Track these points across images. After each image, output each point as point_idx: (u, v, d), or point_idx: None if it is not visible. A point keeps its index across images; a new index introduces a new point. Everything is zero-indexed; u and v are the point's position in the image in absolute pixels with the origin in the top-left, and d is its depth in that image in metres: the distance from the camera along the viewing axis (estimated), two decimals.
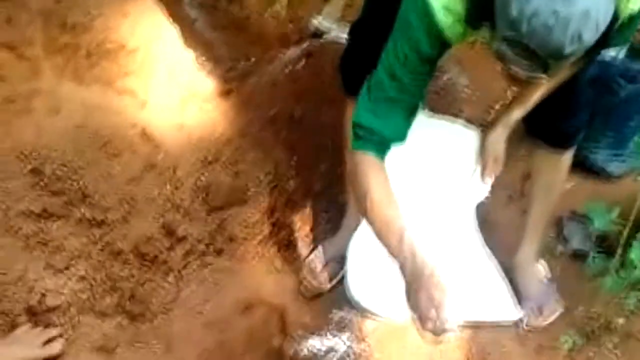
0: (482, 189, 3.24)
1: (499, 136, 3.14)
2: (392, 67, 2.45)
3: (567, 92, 2.92)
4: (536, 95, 2.94)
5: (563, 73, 2.72)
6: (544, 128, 3.13)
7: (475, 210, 3.33)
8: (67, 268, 3.18)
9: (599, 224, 3.29)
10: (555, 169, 3.25)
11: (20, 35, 3.37)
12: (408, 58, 2.42)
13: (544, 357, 3.20)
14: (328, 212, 3.62)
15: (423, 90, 2.57)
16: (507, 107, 3.12)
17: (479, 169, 3.19)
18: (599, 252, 3.35)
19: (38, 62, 3.44)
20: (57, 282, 3.15)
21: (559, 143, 3.17)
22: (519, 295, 3.36)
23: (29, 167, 3.25)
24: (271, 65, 3.78)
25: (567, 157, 3.22)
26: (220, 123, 3.59)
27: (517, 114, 3.06)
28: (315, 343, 3.28)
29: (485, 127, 3.28)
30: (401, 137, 2.56)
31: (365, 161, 2.53)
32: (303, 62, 3.77)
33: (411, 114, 2.55)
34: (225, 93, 3.67)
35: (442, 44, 2.41)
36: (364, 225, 3.20)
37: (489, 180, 3.20)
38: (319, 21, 3.93)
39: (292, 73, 3.75)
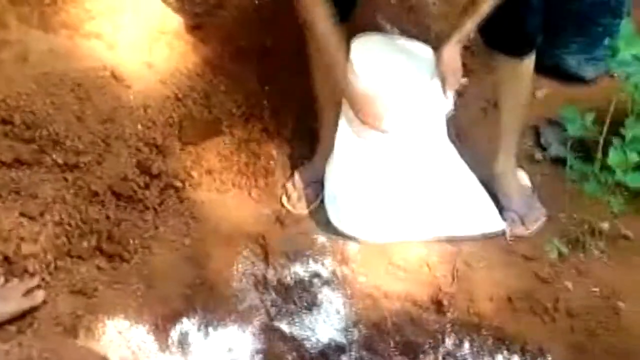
0: (445, 103, 2.74)
1: (454, 49, 2.67)
2: None
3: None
4: (486, 4, 2.52)
5: None
6: (498, 37, 2.71)
7: (446, 125, 2.82)
8: (41, 215, 2.70)
9: (573, 129, 2.81)
10: (517, 76, 2.81)
11: None
12: None
13: (530, 267, 2.74)
14: (303, 139, 3.11)
15: None
16: (458, 19, 2.65)
17: (439, 83, 2.69)
18: (577, 157, 2.87)
19: (4, 13, 2.96)
20: (32, 229, 2.67)
21: (514, 50, 2.74)
22: (500, 206, 2.89)
23: None
24: None
25: (528, 63, 2.78)
26: (190, 58, 3.08)
27: (469, 25, 2.62)
28: (298, 270, 2.83)
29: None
30: None
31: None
32: None
33: None
34: (194, 28, 3.13)
35: None
36: (339, 148, 2.79)
37: (450, 94, 2.71)
38: None
39: (261, 4, 3.20)
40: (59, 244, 2.69)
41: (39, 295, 2.60)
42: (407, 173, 2.80)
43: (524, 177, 2.98)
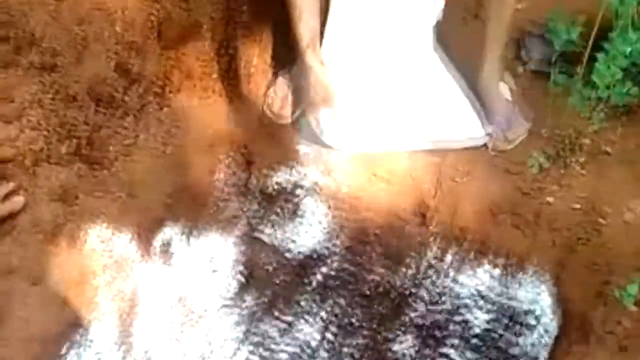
0: (435, 8, 2.66)
1: None
2: None
3: None
4: None
5: None
6: None
7: (433, 33, 2.73)
8: (18, 118, 2.54)
9: (559, 43, 2.72)
10: None
11: None
12: None
13: (513, 181, 2.67)
14: (284, 45, 2.92)
15: None
16: None
17: None
18: (560, 70, 2.79)
19: None
20: (9, 133, 2.51)
21: None
22: (483, 120, 2.79)
23: None
24: None
25: None
26: None
27: None
28: (281, 179, 2.73)
29: None
30: None
31: None
32: None
33: None
34: None
35: None
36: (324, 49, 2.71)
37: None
38: None
39: None
40: (36, 149, 2.54)
41: (19, 200, 2.48)
42: (392, 82, 2.72)
43: (506, 91, 2.87)
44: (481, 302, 2.61)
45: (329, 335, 2.81)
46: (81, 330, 2.40)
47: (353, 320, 2.74)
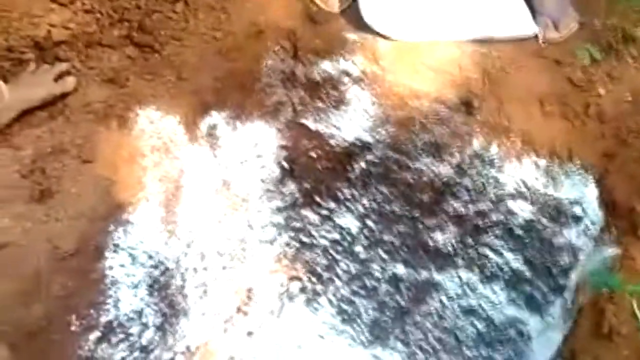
0: None
1: None
2: None
3: None
4: None
5: None
6: None
7: None
8: (72, 2, 2.46)
9: None
10: None
11: None
12: None
13: (562, 72, 2.50)
14: None
15: None
16: None
17: None
18: None
19: None
20: (63, 16, 2.44)
21: None
22: (533, 11, 2.63)
23: None
24: None
25: None
26: None
27: None
28: (327, 67, 2.60)
29: None
30: None
31: None
32: None
33: None
34: None
35: None
36: None
37: None
38: None
39: None
40: (89, 31, 2.46)
41: (70, 81, 2.41)
42: None
43: None
44: (526, 193, 2.50)
45: (369, 223, 2.74)
46: (129, 208, 2.36)
47: (395, 208, 2.66)
